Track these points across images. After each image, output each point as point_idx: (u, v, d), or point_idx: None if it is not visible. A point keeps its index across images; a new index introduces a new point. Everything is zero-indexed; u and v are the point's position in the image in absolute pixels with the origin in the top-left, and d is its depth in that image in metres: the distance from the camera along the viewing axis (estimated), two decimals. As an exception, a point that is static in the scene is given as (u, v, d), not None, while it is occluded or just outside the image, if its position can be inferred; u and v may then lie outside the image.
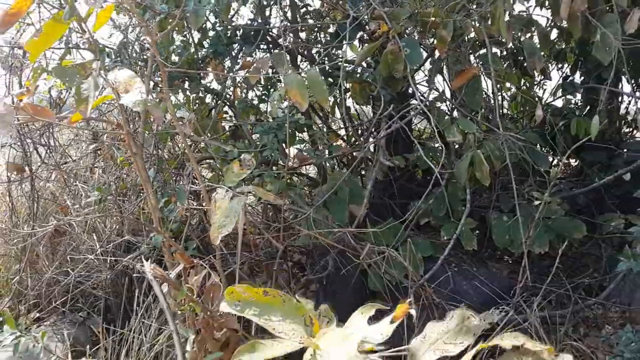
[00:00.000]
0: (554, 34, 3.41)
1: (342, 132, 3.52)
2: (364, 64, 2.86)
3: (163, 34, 2.05)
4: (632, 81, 3.91)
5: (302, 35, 3.17)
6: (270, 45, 3.11)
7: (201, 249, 2.62)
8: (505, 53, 3.27)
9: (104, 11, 1.57)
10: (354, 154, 3.13)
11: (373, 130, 2.96)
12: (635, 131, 4.02)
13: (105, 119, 2.89)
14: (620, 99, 3.69)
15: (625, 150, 3.46)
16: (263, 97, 2.88)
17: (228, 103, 3.07)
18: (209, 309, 2.15)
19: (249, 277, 2.65)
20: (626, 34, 2.41)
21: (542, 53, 3.04)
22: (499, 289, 2.80)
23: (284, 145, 2.67)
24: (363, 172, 3.29)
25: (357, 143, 3.17)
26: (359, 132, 3.25)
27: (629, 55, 2.92)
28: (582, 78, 3.76)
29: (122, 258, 2.68)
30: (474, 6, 2.70)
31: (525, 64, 2.96)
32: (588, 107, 3.60)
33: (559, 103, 3.76)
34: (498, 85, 3.00)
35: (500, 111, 3.21)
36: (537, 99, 3.55)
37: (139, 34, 2.77)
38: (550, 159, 3.67)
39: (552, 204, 2.94)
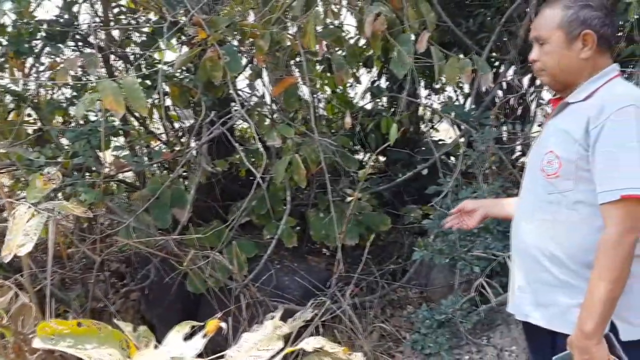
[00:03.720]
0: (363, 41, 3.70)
1: (163, 136, 3.44)
2: (183, 68, 2.83)
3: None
4: (429, 87, 4.49)
5: (116, 34, 3.02)
6: (80, 44, 2.91)
7: (5, 267, 2.39)
8: (321, 59, 3.49)
9: None
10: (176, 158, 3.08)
11: (195, 135, 2.95)
12: (431, 130, 4.59)
13: None
14: (418, 102, 4.17)
15: (423, 148, 3.93)
16: (73, 99, 2.69)
17: (31, 105, 2.80)
18: (21, 332, 2.00)
19: (61, 291, 2.48)
20: (418, 53, 2.73)
21: (352, 61, 3.29)
22: (317, 282, 3.03)
23: (97, 151, 2.53)
24: (185, 174, 3.26)
25: (178, 148, 3.13)
26: (180, 135, 3.21)
27: (425, 67, 3.31)
28: (388, 83, 4.19)
29: None
30: (289, 16, 2.84)
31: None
32: (393, 109, 4.02)
33: (371, 104, 4.14)
34: (313, 91, 3.19)
35: (317, 113, 3.42)
36: (346, 105, 3.85)
37: None
38: (363, 156, 4.02)
39: (362, 200, 3.25)
